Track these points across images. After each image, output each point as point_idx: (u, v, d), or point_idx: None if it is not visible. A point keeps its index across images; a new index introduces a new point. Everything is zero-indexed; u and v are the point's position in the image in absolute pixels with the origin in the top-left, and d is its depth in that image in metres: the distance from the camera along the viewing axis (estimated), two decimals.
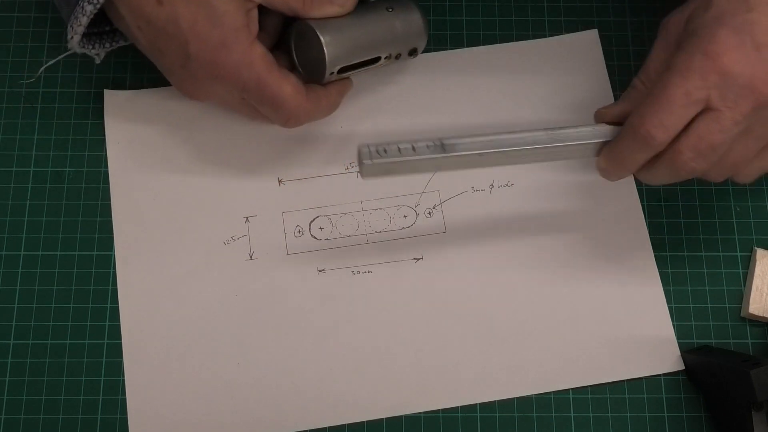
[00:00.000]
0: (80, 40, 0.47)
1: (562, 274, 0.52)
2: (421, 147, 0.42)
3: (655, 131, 0.41)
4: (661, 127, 0.41)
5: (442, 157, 0.42)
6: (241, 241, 0.52)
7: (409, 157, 0.42)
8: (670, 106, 0.40)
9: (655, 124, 0.41)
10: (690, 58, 0.40)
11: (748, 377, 0.43)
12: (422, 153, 0.42)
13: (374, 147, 0.42)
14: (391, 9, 0.50)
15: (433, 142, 0.42)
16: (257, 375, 0.49)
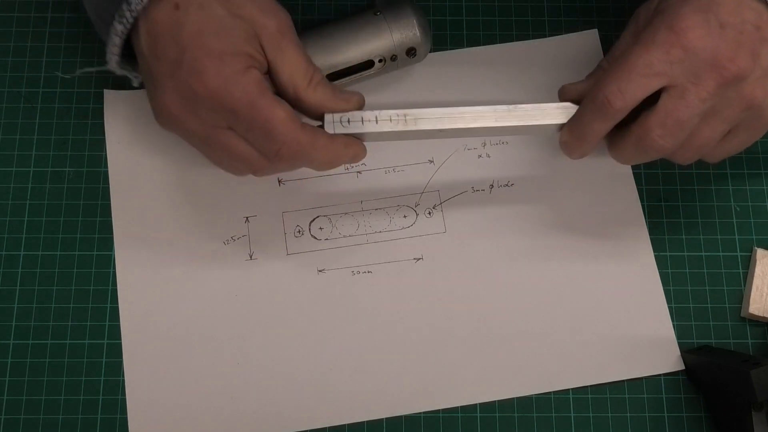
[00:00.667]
0: (118, 61, 0.46)
1: (562, 274, 0.52)
2: (384, 120, 0.44)
3: (612, 97, 0.41)
4: (618, 93, 0.41)
5: (403, 131, 0.44)
6: (241, 241, 0.52)
7: (371, 129, 0.44)
8: (629, 74, 0.41)
9: (612, 91, 0.41)
10: (655, 32, 0.41)
11: (748, 377, 0.43)
12: (384, 126, 0.44)
13: (339, 116, 0.44)
14: (379, 13, 0.51)
15: (396, 115, 0.44)
16: (257, 375, 0.49)
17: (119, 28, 0.43)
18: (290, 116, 0.42)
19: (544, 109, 0.45)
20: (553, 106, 0.45)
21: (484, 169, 0.54)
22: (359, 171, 0.53)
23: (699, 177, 0.54)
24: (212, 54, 0.41)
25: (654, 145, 0.42)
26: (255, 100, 0.41)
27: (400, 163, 0.53)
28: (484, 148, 0.54)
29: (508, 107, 0.45)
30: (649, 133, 0.42)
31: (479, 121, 0.45)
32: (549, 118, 0.45)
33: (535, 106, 0.45)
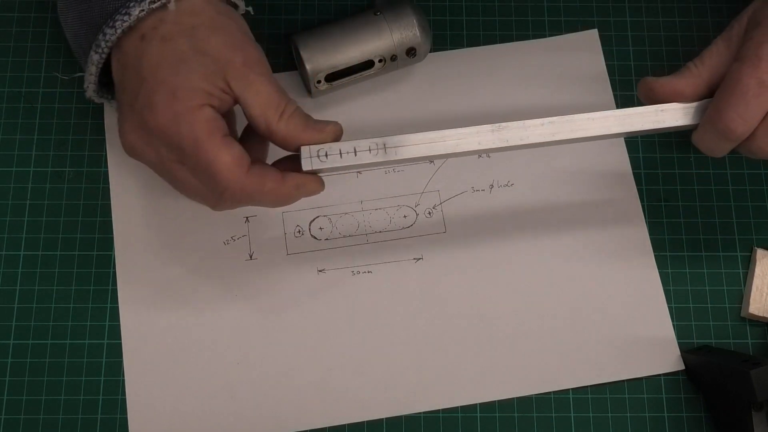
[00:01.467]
0: (95, 89, 0.46)
1: (562, 273, 0.52)
2: (363, 152, 0.43)
3: (733, 125, 0.41)
4: (738, 119, 0.41)
5: (383, 161, 0.43)
6: (241, 241, 0.52)
7: (349, 162, 0.43)
8: (744, 96, 0.41)
9: (732, 118, 0.41)
10: (758, 47, 0.41)
11: (748, 377, 0.43)
12: (363, 158, 0.43)
13: (316, 150, 0.43)
14: (379, 13, 0.51)
15: (375, 144, 0.43)
16: (257, 375, 0.49)
17: (95, 57, 0.43)
18: (235, 161, 0.41)
19: (528, 127, 0.43)
20: (537, 122, 0.43)
21: (484, 169, 0.54)
22: (359, 171, 0.53)
23: (699, 177, 0.54)
24: (166, 88, 0.41)
25: (763, 152, 0.43)
26: (201, 141, 0.41)
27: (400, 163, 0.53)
28: None
29: (491, 128, 0.43)
30: (756, 141, 0.42)
31: (462, 145, 0.43)
32: (534, 136, 0.43)
33: (519, 123, 0.43)
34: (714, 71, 0.44)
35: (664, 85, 0.44)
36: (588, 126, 0.43)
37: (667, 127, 0.44)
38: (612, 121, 0.43)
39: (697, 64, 0.45)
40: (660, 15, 0.57)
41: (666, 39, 0.57)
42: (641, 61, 0.56)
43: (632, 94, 0.55)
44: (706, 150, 0.45)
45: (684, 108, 0.44)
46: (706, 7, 0.57)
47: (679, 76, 0.44)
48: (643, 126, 0.44)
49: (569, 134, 0.43)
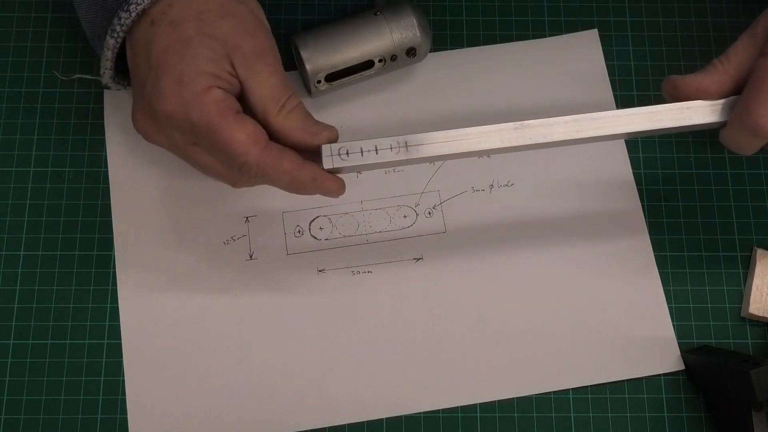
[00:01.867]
0: (112, 75, 0.46)
1: (562, 273, 0.52)
2: (384, 150, 0.42)
3: (762, 121, 0.40)
4: (767, 115, 0.40)
5: (404, 159, 0.42)
6: (241, 241, 0.52)
7: (370, 161, 0.42)
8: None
9: (762, 114, 0.40)
10: None
11: (748, 377, 0.43)
12: (385, 156, 0.42)
13: (337, 148, 0.42)
14: (379, 13, 0.51)
15: (397, 143, 0.42)
16: (257, 375, 0.49)
17: (111, 42, 0.43)
18: (250, 137, 0.41)
19: (551, 124, 0.42)
20: (561, 120, 0.42)
21: (484, 169, 0.54)
22: (359, 171, 0.53)
23: (699, 177, 0.54)
24: (173, 75, 0.41)
25: None
26: (213, 123, 0.41)
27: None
28: None
29: (514, 125, 0.42)
30: None
31: (484, 143, 0.42)
32: (558, 134, 0.42)
33: (544, 121, 0.42)
34: (740, 67, 0.43)
35: (689, 83, 0.43)
36: (613, 123, 0.42)
37: (693, 125, 0.43)
38: (638, 119, 0.42)
39: (723, 60, 0.44)
40: (660, 15, 0.57)
41: (666, 39, 0.57)
42: (641, 61, 0.56)
43: (632, 94, 0.55)
44: (735, 148, 0.43)
45: (711, 105, 0.43)
46: (706, 7, 0.57)
47: (704, 74, 0.43)
48: (669, 123, 0.42)
49: (594, 132, 0.42)
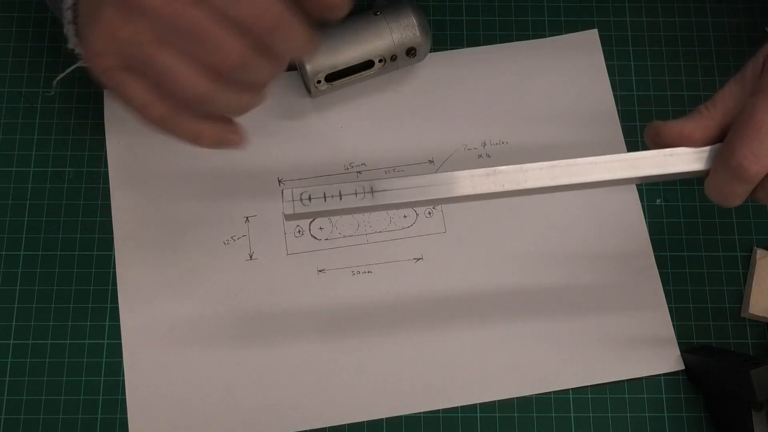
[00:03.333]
0: (75, 32, 0.43)
1: (562, 273, 0.52)
2: (349, 195, 0.40)
3: (747, 162, 0.38)
4: (752, 157, 0.38)
5: (369, 206, 0.40)
6: (241, 241, 0.52)
7: (334, 206, 0.40)
8: (758, 133, 0.38)
9: (745, 155, 0.38)
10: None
11: (748, 377, 0.43)
12: (349, 202, 0.40)
13: (299, 192, 0.40)
14: (379, 13, 0.51)
15: (362, 188, 0.40)
16: (257, 375, 0.49)
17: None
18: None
19: (526, 170, 0.40)
20: (536, 166, 0.40)
21: None
22: (359, 171, 0.53)
23: None
24: None
25: None
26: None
27: (400, 163, 0.53)
28: (484, 148, 0.54)
29: (486, 172, 0.40)
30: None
31: (455, 190, 0.40)
32: (532, 180, 0.40)
33: (516, 167, 0.40)
34: (727, 114, 0.40)
35: (671, 129, 0.41)
36: (591, 170, 0.40)
37: (677, 173, 0.40)
38: (617, 166, 0.40)
39: (709, 107, 0.41)
40: (660, 15, 0.57)
41: (666, 39, 0.57)
42: (641, 61, 0.56)
43: (632, 94, 0.55)
44: (719, 196, 0.40)
45: (695, 152, 0.40)
46: (706, 7, 0.57)
47: (688, 120, 0.41)
48: (651, 171, 0.40)
49: (571, 179, 0.40)
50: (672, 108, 0.55)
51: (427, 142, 0.54)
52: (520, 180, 0.40)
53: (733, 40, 0.57)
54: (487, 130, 0.54)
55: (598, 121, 0.54)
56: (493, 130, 0.54)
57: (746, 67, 0.42)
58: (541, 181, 0.40)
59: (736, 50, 0.56)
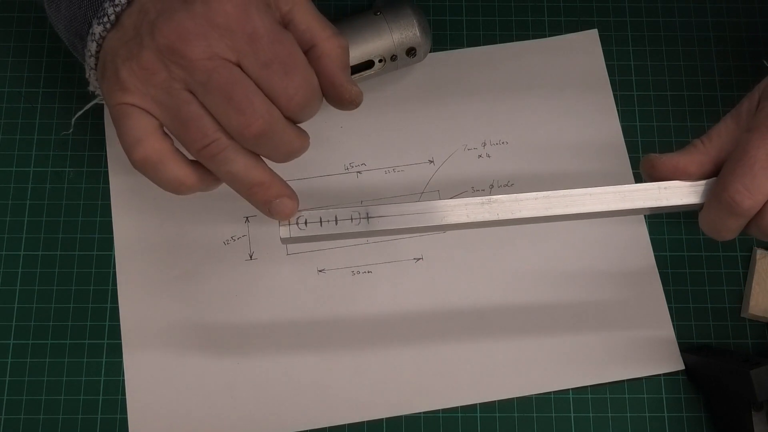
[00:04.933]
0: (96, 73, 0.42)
1: (561, 273, 0.52)
2: (344, 221, 0.41)
3: (739, 197, 0.38)
4: (745, 192, 0.38)
5: (365, 231, 0.41)
6: (241, 241, 0.52)
7: (329, 232, 0.41)
8: (751, 168, 0.38)
9: (738, 190, 0.38)
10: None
11: (748, 377, 0.43)
12: (344, 227, 0.41)
13: (295, 218, 0.41)
14: (379, 13, 0.51)
15: (358, 214, 0.41)
16: (257, 375, 0.49)
17: (98, 30, 0.40)
18: None
19: (520, 200, 0.40)
20: (530, 196, 0.41)
21: (484, 169, 0.54)
22: (359, 171, 0.53)
23: None
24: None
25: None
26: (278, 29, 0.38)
27: (400, 163, 0.53)
28: (484, 148, 0.54)
29: (481, 200, 0.40)
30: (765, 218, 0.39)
31: (450, 218, 0.40)
32: (526, 210, 0.41)
33: (511, 197, 0.41)
34: (722, 148, 0.40)
35: (667, 162, 0.41)
36: (585, 202, 0.41)
37: (671, 206, 0.41)
38: (612, 198, 0.41)
39: (704, 141, 0.41)
40: (660, 15, 0.57)
41: (666, 39, 0.57)
42: (641, 61, 0.56)
43: (632, 94, 0.55)
44: (713, 230, 0.41)
45: (690, 186, 0.41)
46: (706, 7, 0.57)
47: (683, 153, 0.41)
48: (645, 203, 0.41)
49: (565, 209, 0.41)
50: (672, 108, 0.55)
51: (427, 142, 0.54)
52: (515, 209, 0.41)
53: (733, 41, 0.57)
54: (487, 130, 0.54)
55: (598, 122, 0.54)
56: (493, 130, 0.54)
57: (742, 102, 0.42)
58: (536, 212, 0.41)
59: (736, 50, 0.56)
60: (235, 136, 0.38)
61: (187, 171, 0.39)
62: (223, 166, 0.39)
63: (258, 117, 0.37)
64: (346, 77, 0.40)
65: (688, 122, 0.55)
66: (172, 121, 0.38)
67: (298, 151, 0.41)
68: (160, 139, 0.39)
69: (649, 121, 0.55)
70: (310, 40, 0.40)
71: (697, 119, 0.55)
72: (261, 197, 0.40)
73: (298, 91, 0.38)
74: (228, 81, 0.37)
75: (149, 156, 0.39)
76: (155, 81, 0.37)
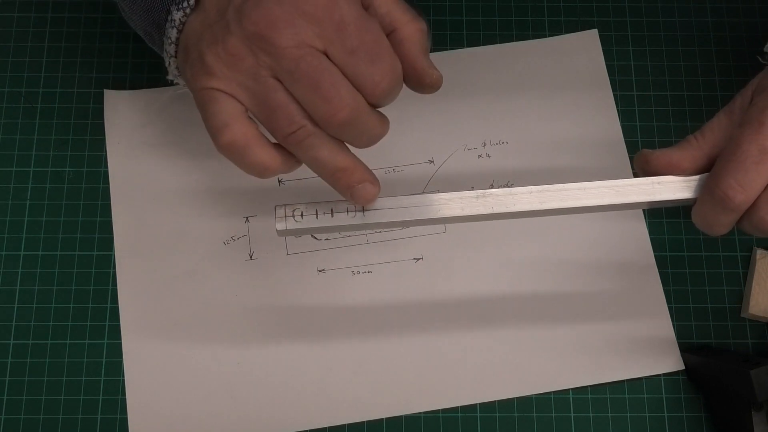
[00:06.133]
0: (176, 62, 0.42)
1: (561, 273, 0.52)
2: (340, 213, 0.41)
3: (731, 192, 0.38)
4: (737, 187, 0.38)
5: (360, 224, 0.41)
6: (241, 241, 0.52)
7: (325, 224, 0.41)
8: (743, 163, 0.38)
9: (730, 185, 0.38)
10: (761, 113, 0.39)
11: (748, 377, 0.43)
12: (340, 220, 0.41)
13: (291, 210, 0.41)
14: None
15: (354, 206, 0.41)
16: (257, 375, 0.49)
17: (177, 16, 0.40)
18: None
19: (515, 194, 0.41)
20: (525, 190, 0.41)
21: (484, 169, 0.54)
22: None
23: None
24: None
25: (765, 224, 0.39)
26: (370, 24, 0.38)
27: (400, 163, 0.53)
28: (484, 148, 0.54)
29: (476, 194, 0.41)
30: (758, 212, 0.39)
31: (444, 211, 0.41)
32: (521, 204, 0.41)
33: (506, 190, 0.41)
34: (715, 144, 0.41)
35: (659, 157, 0.41)
36: (580, 196, 0.41)
37: (664, 200, 0.41)
38: (606, 192, 0.41)
39: (698, 137, 0.41)
40: (660, 15, 0.57)
41: (666, 39, 0.57)
42: (641, 61, 0.56)
43: (632, 94, 0.55)
44: (705, 225, 0.41)
45: (683, 181, 0.41)
46: (706, 7, 0.57)
47: (677, 149, 0.41)
48: (639, 198, 0.41)
49: (559, 203, 0.41)
50: (672, 108, 0.55)
51: (427, 142, 0.54)
52: (510, 203, 0.41)
53: (733, 40, 0.57)
54: (487, 130, 0.54)
55: (598, 122, 0.54)
56: (493, 130, 0.54)
57: (735, 98, 0.42)
58: (530, 205, 0.41)
59: (736, 50, 0.56)
60: (321, 123, 0.38)
61: (272, 155, 0.40)
62: (308, 152, 0.39)
63: (344, 105, 0.37)
64: (428, 61, 0.40)
65: (688, 122, 0.55)
66: (259, 107, 0.38)
67: (380, 135, 0.41)
68: (246, 124, 0.39)
69: (649, 121, 0.55)
70: (391, 24, 0.40)
71: (697, 119, 0.55)
72: (345, 182, 0.40)
73: (384, 78, 0.38)
74: (315, 69, 0.37)
75: (236, 140, 0.39)
76: (242, 67, 0.38)
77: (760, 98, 0.40)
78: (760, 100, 0.39)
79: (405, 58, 0.40)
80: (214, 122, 0.39)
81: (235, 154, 0.39)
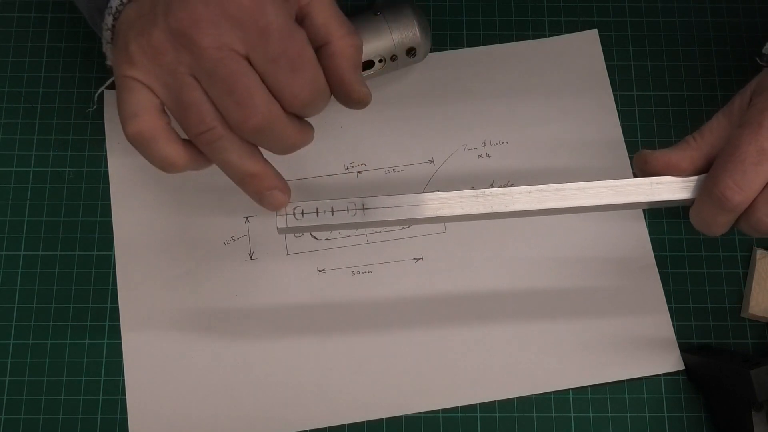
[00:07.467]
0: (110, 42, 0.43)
1: (561, 273, 0.52)
2: (341, 212, 0.41)
3: (729, 192, 0.38)
4: (735, 187, 0.38)
5: (360, 222, 0.42)
6: (241, 241, 0.52)
7: (325, 222, 0.42)
8: (742, 164, 0.38)
9: (728, 185, 0.38)
10: (760, 114, 0.39)
11: (748, 377, 0.43)
12: (340, 218, 0.41)
13: (292, 208, 0.42)
14: (379, 13, 0.51)
15: (354, 205, 0.41)
16: (257, 375, 0.49)
17: (115, 2, 0.40)
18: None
19: (514, 194, 0.41)
20: (524, 189, 0.41)
21: (484, 169, 0.54)
22: (359, 171, 0.53)
23: None
24: None
25: (763, 225, 0.39)
26: (291, 27, 0.38)
27: (400, 163, 0.53)
28: (484, 148, 0.54)
29: (476, 193, 0.41)
30: (756, 213, 0.39)
31: (444, 209, 0.41)
32: (520, 204, 0.41)
33: (505, 190, 0.41)
34: (714, 145, 0.41)
35: (658, 158, 0.41)
36: (578, 196, 0.41)
37: (662, 201, 0.41)
38: (605, 192, 0.41)
39: (696, 137, 0.42)
40: (660, 15, 0.57)
41: (666, 39, 0.57)
42: (641, 61, 0.56)
43: (632, 94, 0.55)
44: (703, 225, 0.41)
45: (682, 182, 0.41)
46: (706, 7, 0.57)
47: (676, 149, 0.42)
48: (637, 198, 0.41)
49: (558, 203, 0.41)
50: (672, 108, 0.55)
51: (427, 142, 0.54)
52: (508, 202, 0.41)
53: (733, 40, 0.57)
54: (487, 130, 0.54)
55: (598, 122, 0.54)
56: (493, 130, 0.54)
57: (734, 99, 0.42)
58: (529, 205, 0.41)
59: (736, 50, 0.56)
60: (234, 127, 0.38)
61: (178, 151, 0.40)
62: (218, 154, 0.39)
63: (257, 112, 0.37)
64: (356, 77, 0.40)
65: (688, 122, 0.55)
66: (173, 102, 0.38)
67: (297, 145, 0.41)
68: (156, 117, 0.39)
69: (649, 121, 0.55)
70: (325, 37, 0.40)
71: (697, 119, 0.55)
72: (253, 188, 0.41)
73: (303, 89, 0.38)
74: (232, 73, 0.37)
75: (143, 131, 0.39)
76: (162, 61, 0.38)
77: (758, 99, 0.40)
78: (759, 102, 0.39)
79: (334, 72, 0.40)
80: (126, 111, 0.39)
81: (141, 146, 0.39)
